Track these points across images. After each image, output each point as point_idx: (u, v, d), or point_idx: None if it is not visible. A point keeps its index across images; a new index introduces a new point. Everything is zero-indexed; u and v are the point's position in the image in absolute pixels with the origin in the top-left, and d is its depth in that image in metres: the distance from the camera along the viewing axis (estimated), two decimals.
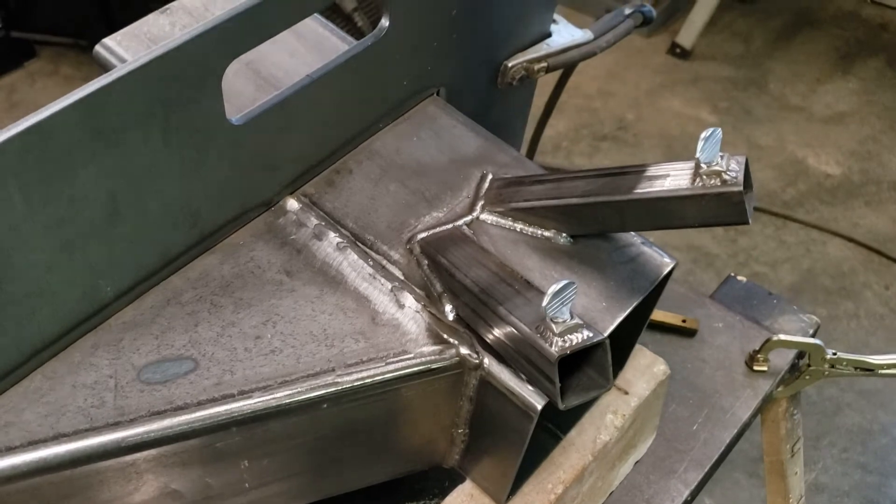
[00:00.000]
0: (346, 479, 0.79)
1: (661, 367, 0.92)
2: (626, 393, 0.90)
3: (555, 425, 0.85)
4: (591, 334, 0.59)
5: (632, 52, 3.17)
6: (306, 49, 0.87)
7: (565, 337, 0.59)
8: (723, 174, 0.67)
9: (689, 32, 3.11)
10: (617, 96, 3.00)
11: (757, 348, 1.12)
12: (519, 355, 0.63)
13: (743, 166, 0.68)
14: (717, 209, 0.68)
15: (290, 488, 0.76)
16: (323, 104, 0.75)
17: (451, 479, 0.85)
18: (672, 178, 0.70)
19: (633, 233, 0.78)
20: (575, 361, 0.62)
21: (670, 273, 0.78)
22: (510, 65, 0.94)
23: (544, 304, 0.58)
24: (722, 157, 0.68)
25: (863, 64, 3.15)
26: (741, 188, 0.67)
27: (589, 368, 0.62)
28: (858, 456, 2.13)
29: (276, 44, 0.87)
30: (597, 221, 0.75)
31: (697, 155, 0.68)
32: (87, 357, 0.66)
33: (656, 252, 0.78)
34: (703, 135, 0.68)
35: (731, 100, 2.97)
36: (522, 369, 0.64)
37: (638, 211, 0.72)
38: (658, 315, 1.16)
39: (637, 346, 0.91)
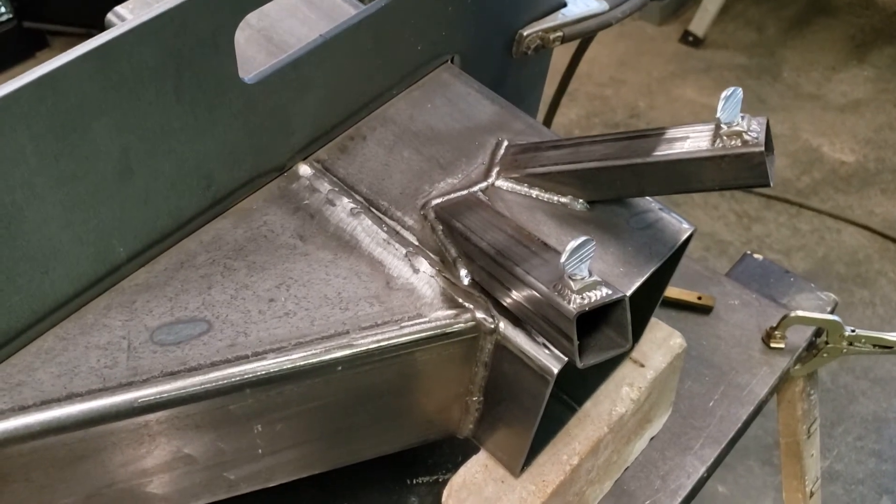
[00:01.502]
0: (359, 447, 0.78)
1: (677, 341, 0.91)
2: (643, 366, 0.89)
3: (570, 397, 0.85)
4: (609, 292, 0.58)
5: (643, 41, 3.15)
6: (318, 17, 0.86)
7: (584, 294, 0.58)
8: (744, 134, 0.66)
9: (701, 20, 3.09)
10: (629, 84, 2.99)
11: (774, 325, 1.10)
12: (537, 316, 0.62)
13: (764, 127, 0.67)
14: (737, 170, 0.67)
15: (303, 456, 0.75)
16: (335, 66, 0.74)
17: (465, 454, 0.84)
18: (692, 139, 0.69)
19: (650, 199, 0.77)
20: (593, 321, 0.61)
21: (689, 239, 0.76)
22: (525, 34, 0.93)
23: (562, 260, 0.57)
24: (743, 117, 0.67)
25: (878, 52, 3.12)
26: (762, 148, 0.65)
27: (608, 328, 0.61)
28: (873, 444, 2.12)
29: (287, 11, 0.86)
30: (614, 186, 0.74)
31: (718, 115, 0.67)
32: (100, 318, 0.65)
33: (674, 218, 0.77)
34: (723, 94, 0.67)
35: (744, 88, 2.90)
36: (540, 330, 0.63)
37: (657, 174, 0.71)
38: (673, 292, 1.15)
39: (653, 320, 0.90)
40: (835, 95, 2.96)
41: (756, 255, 1.25)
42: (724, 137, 0.67)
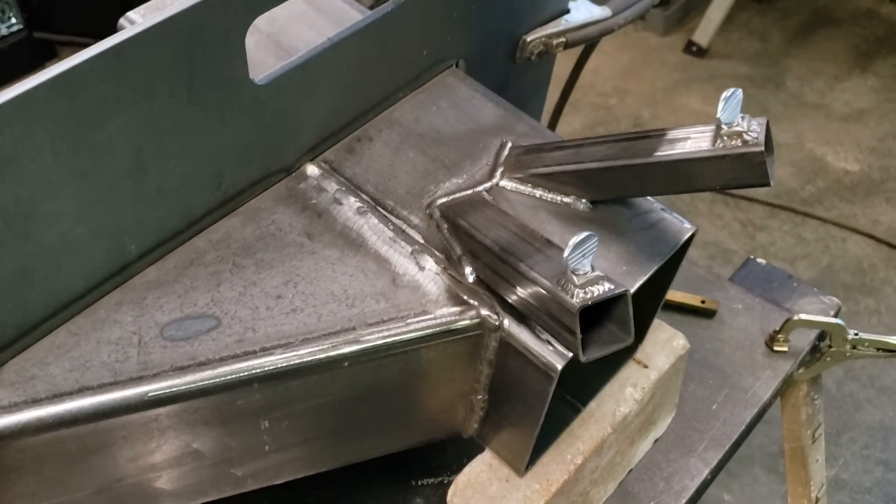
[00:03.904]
0: (365, 445, 0.79)
1: (680, 342, 0.92)
2: (646, 367, 0.90)
3: (574, 397, 0.85)
4: (612, 286, 0.59)
5: (647, 51, 3.16)
6: (326, 23, 0.88)
7: (587, 289, 0.59)
8: (744, 135, 0.67)
9: (705, 30, 3.10)
10: (633, 94, 3.00)
11: (777, 329, 1.11)
12: (541, 311, 0.63)
13: (764, 127, 0.68)
14: (738, 170, 0.68)
15: (310, 453, 0.76)
16: (343, 68, 0.75)
17: (469, 456, 0.85)
18: (693, 140, 0.70)
19: (652, 199, 0.78)
20: (596, 317, 0.62)
21: (690, 239, 0.77)
22: (529, 39, 0.95)
23: (566, 254, 0.58)
24: (743, 118, 0.68)
25: (882, 62, 3.13)
26: (762, 148, 0.66)
27: (610, 324, 0.62)
28: (880, 453, 2.11)
29: (296, 18, 0.88)
30: (617, 186, 0.75)
31: (718, 115, 0.68)
32: (112, 314, 0.66)
33: (676, 218, 0.78)
34: (723, 95, 0.68)
35: (748, 98, 2.94)
36: (544, 325, 0.64)
37: (659, 174, 0.72)
38: (677, 296, 1.16)
39: (656, 322, 0.91)
40: (839, 105, 2.98)
41: (759, 260, 1.26)
42: (725, 138, 0.68)
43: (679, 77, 3.07)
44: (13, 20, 2.94)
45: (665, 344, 0.92)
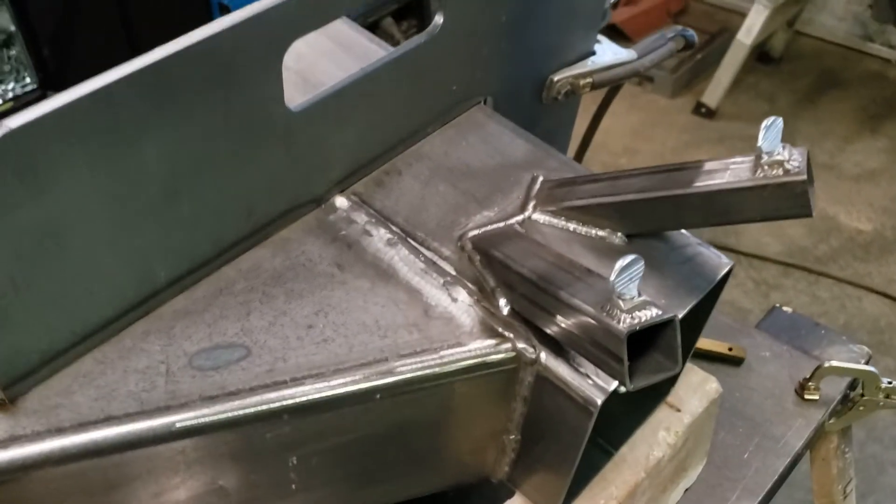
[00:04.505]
0: (391, 487, 0.76)
1: (712, 385, 0.90)
2: (679, 410, 0.87)
3: (606, 441, 0.83)
4: (660, 311, 0.57)
5: (656, 112, 3.20)
6: (353, 61, 0.88)
7: (633, 314, 0.57)
8: (785, 164, 0.66)
9: (713, 92, 3.14)
10: (643, 153, 3.02)
11: (807, 376, 1.08)
12: (584, 339, 0.60)
13: (805, 156, 0.67)
14: (779, 201, 0.67)
15: (335, 494, 0.73)
16: (375, 100, 0.75)
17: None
18: (732, 171, 0.69)
19: (688, 233, 0.77)
20: (641, 345, 0.60)
21: (728, 274, 0.76)
22: (556, 79, 0.95)
23: (612, 278, 0.56)
24: (784, 147, 0.67)
25: (891, 123, 3.15)
26: (805, 177, 0.65)
27: (656, 352, 0.60)
28: None
29: (323, 55, 0.88)
30: (653, 218, 0.74)
31: (759, 144, 0.67)
32: (139, 343, 0.64)
33: (713, 253, 0.76)
34: (764, 124, 0.67)
35: None
36: (587, 354, 0.61)
37: (697, 205, 0.70)
38: (704, 343, 1.13)
39: (688, 365, 0.89)
40: (849, 165, 2.99)
41: (785, 308, 1.24)
42: (766, 167, 0.67)
43: (689, 138, 3.09)
44: (28, 80, 2.98)
45: (697, 387, 0.89)
